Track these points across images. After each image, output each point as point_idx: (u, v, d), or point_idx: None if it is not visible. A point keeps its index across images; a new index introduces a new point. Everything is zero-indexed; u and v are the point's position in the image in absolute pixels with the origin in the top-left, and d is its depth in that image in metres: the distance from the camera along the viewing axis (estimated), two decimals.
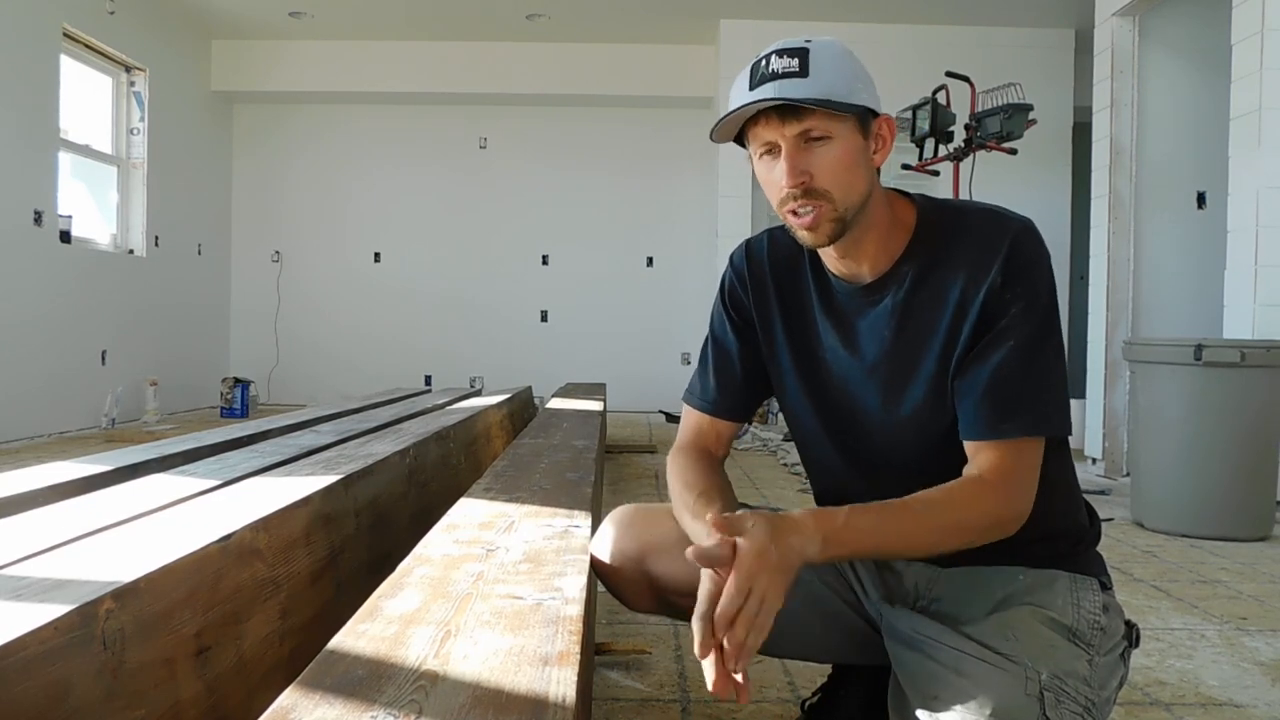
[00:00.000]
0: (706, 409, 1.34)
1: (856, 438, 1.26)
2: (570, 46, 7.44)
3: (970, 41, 6.71)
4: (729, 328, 1.33)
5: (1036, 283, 1.13)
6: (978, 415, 1.13)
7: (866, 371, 1.22)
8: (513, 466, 1.98)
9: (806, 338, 1.27)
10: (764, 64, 1.10)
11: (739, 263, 1.33)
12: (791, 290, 1.28)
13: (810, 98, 1.07)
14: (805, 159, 1.10)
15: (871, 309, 1.21)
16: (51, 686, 0.79)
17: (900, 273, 1.19)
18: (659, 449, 5.35)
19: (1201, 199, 4.86)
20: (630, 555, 1.27)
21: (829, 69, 1.09)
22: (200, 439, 2.34)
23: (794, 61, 1.08)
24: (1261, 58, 3.78)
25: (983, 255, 1.14)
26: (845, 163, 1.11)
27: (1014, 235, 1.14)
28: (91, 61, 6.16)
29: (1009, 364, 1.12)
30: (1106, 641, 1.15)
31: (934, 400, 1.17)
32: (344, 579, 1.49)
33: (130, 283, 6.39)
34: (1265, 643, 2.08)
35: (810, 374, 1.27)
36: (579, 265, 7.96)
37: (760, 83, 1.09)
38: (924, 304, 1.17)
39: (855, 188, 1.12)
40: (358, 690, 0.72)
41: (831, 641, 1.34)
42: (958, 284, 1.15)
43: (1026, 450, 1.12)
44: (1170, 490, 3.30)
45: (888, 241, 1.19)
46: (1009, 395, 1.12)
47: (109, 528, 1.20)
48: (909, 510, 1.08)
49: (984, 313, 1.13)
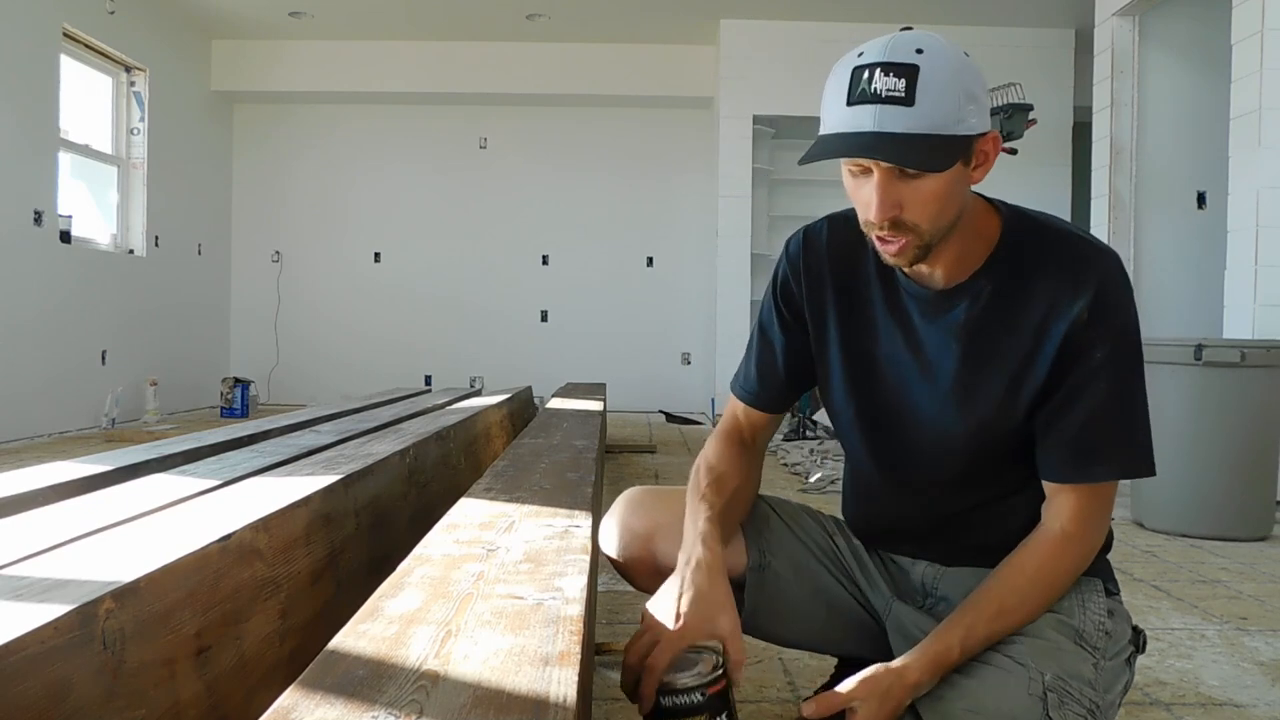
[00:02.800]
0: (746, 398, 1.33)
1: (899, 444, 1.23)
2: (570, 46, 7.44)
3: (970, 41, 6.67)
4: (776, 321, 1.29)
5: (1125, 322, 1.10)
6: (1066, 459, 1.11)
7: (930, 382, 1.18)
8: (513, 466, 1.98)
9: (863, 335, 1.22)
10: (867, 77, 0.99)
11: (795, 253, 1.27)
12: (851, 284, 1.22)
13: (913, 135, 0.98)
14: (898, 191, 1.03)
15: (941, 317, 1.16)
16: (51, 686, 0.79)
17: (977, 286, 1.13)
18: (659, 449, 5.35)
19: (1201, 199, 4.86)
20: (639, 533, 1.29)
21: (937, 94, 0.99)
22: (200, 439, 2.34)
23: (900, 84, 0.98)
24: (1261, 58, 3.78)
25: (1068, 286, 1.09)
26: (940, 196, 1.03)
27: (1105, 271, 1.09)
28: (91, 61, 6.16)
29: (1102, 407, 1.09)
30: (1113, 646, 1.14)
31: (994, 424, 1.14)
32: (344, 579, 1.49)
33: (130, 283, 6.39)
34: (1265, 643, 2.08)
35: (861, 373, 1.23)
36: (579, 265, 7.96)
37: (859, 100, 1.00)
38: (998, 323, 1.13)
39: (945, 217, 1.06)
40: (358, 690, 0.72)
41: (834, 631, 1.34)
42: (1038, 311, 1.10)
43: (1108, 491, 1.12)
44: (1170, 490, 3.30)
45: (967, 251, 1.13)
46: (1100, 439, 1.09)
47: (109, 528, 1.20)
48: (1011, 596, 1.09)
49: (1066, 346, 1.09)
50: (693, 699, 1.00)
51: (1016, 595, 1.09)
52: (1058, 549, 1.11)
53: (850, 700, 0.99)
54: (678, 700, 1.00)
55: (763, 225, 7.22)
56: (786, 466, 4.78)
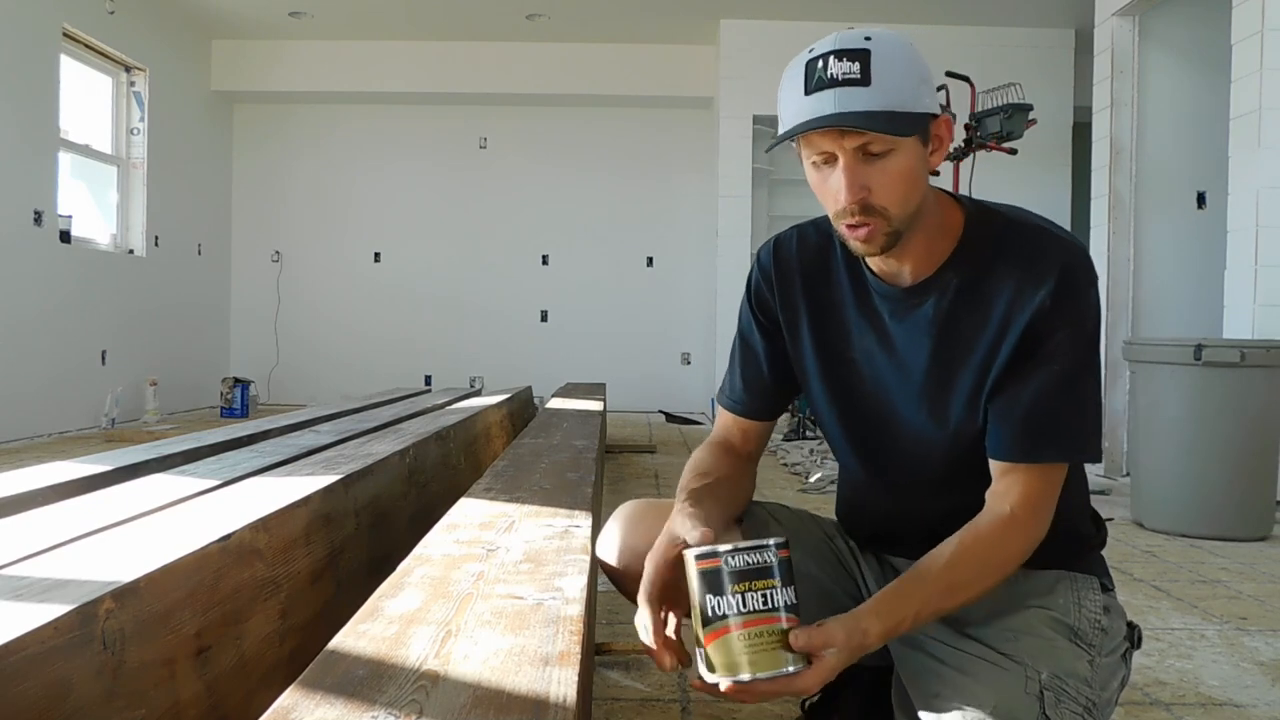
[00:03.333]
0: (735, 408, 1.33)
1: (880, 442, 1.23)
2: (570, 46, 7.44)
3: (970, 41, 6.71)
4: (755, 329, 1.30)
5: (1085, 309, 1.10)
6: (1013, 438, 1.10)
7: (904, 378, 1.18)
8: (513, 466, 1.98)
9: (836, 338, 1.23)
10: (821, 66, 1.02)
11: (766, 262, 1.29)
12: (822, 289, 1.24)
13: (874, 111, 1.00)
14: (864, 174, 1.04)
15: (910, 313, 1.16)
16: (51, 686, 0.79)
17: (944, 280, 1.14)
18: (659, 449, 5.35)
19: (1201, 199, 4.86)
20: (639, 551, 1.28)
21: (892, 74, 1.01)
22: (200, 439, 2.34)
23: (854, 66, 1.01)
24: (1261, 58, 3.78)
25: (1032, 274, 1.10)
26: (906, 176, 1.05)
27: (1067, 259, 1.10)
28: (91, 61, 6.15)
29: (1050, 389, 1.09)
30: (1108, 642, 1.15)
31: (968, 415, 1.15)
32: (344, 579, 1.49)
33: (130, 283, 6.39)
34: (1265, 643, 2.08)
35: (838, 377, 1.24)
36: (579, 265, 7.96)
37: (817, 88, 1.02)
38: (967, 315, 1.14)
39: (912, 200, 1.07)
40: (358, 690, 0.72)
41: None
42: (1003, 299, 1.11)
43: (1055, 475, 1.11)
44: (1170, 490, 3.30)
45: (933, 245, 1.14)
46: (1047, 420, 1.09)
47: (109, 528, 1.20)
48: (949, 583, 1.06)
49: (1028, 333, 1.09)
50: (764, 557, 0.89)
51: (965, 575, 1.07)
52: (1006, 532, 1.09)
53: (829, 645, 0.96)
54: (749, 558, 0.88)
55: (763, 225, 7.22)
56: (786, 466, 4.78)
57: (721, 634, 0.90)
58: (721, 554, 0.91)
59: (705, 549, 0.92)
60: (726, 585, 0.90)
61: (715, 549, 0.91)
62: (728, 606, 0.90)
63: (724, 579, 0.90)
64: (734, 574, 0.90)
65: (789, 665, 0.91)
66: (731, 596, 0.89)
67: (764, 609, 0.89)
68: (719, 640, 0.90)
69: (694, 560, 0.93)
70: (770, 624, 0.90)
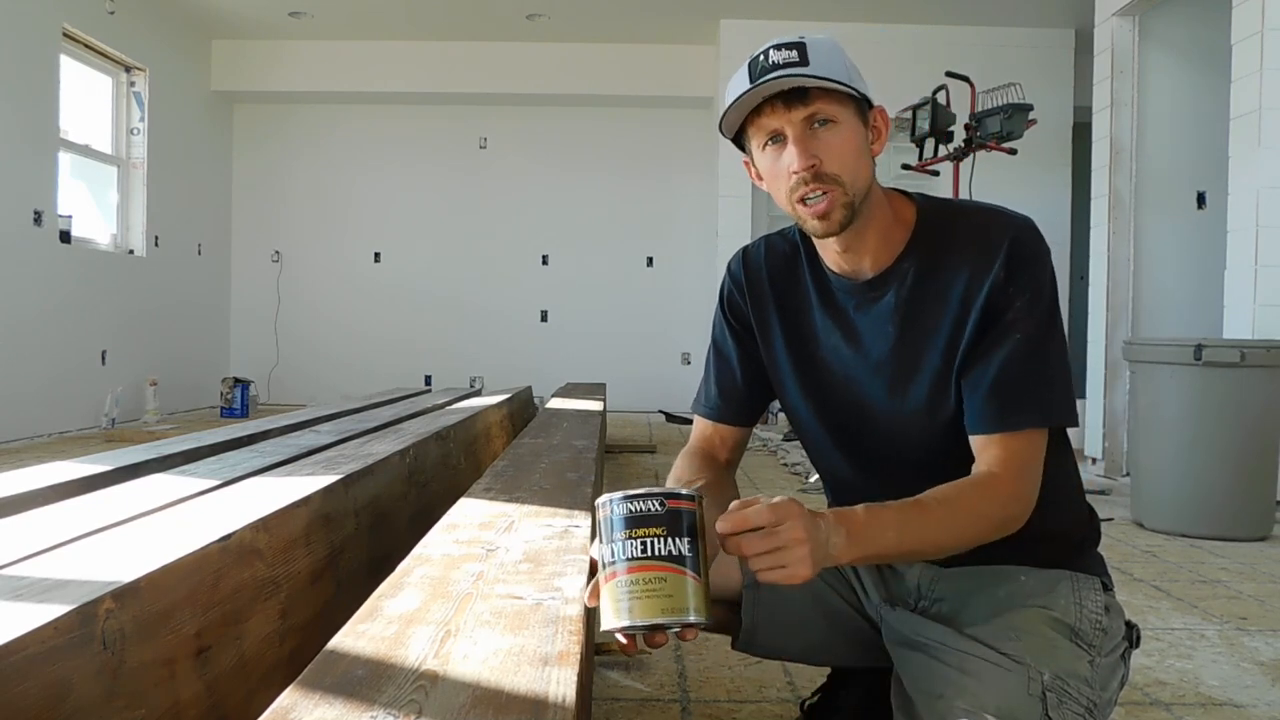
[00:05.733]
0: (710, 415, 1.35)
1: (860, 435, 1.26)
2: (570, 46, 7.44)
3: (970, 41, 6.71)
4: (728, 335, 1.34)
5: (1039, 277, 1.14)
6: (986, 409, 1.13)
7: (872, 368, 1.22)
8: (513, 466, 1.98)
9: (806, 339, 1.27)
10: (763, 58, 1.10)
11: (736, 270, 1.34)
12: (789, 293, 1.29)
13: (817, 76, 1.08)
14: (813, 143, 1.11)
15: (873, 305, 1.21)
16: (51, 686, 0.79)
17: (902, 269, 1.19)
18: (659, 449, 5.36)
19: (1201, 199, 4.86)
20: None
21: (827, 58, 1.10)
22: (200, 439, 2.34)
23: (793, 53, 1.09)
24: (1261, 58, 3.78)
25: (985, 252, 1.14)
26: (852, 147, 1.12)
27: (1015, 232, 1.15)
28: (91, 61, 6.16)
29: (1015, 357, 1.12)
30: (1108, 642, 1.15)
31: (939, 396, 1.18)
32: (344, 579, 1.49)
33: (130, 283, 6.39)
34: (1265, 643, 2.08)
35: (809, 374, 1.27)
36: (579, 265, 7.96)
37: (761, 75, 1.10)
38: (927, 301, 1.18)
39: (861, 174, 1.13)
40: (358, 690, 0.72)
41: (834, 642, 1.34)
42: (961, 281, 1.15)
43: (1034, 441, 1.13)
44: (1170, 490, 3.30)
45: (888, 237, 1.19)
46: (1017, 388, 1.12)
47: (109, 528, 1.20)
48: (925, 506, 1.06)
49: (988, 308, 1.13)
50: (649, 505, 0.90)
51: (936, 500, 1.07)
52: (989, 484, 1.10)
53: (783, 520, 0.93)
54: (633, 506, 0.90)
55: (763, 225, 7.21)
56: (786, 466, 4.78)
57: (610, 579, 0.91)
58: (610, 501, 0.92)
59: (602, 498, 0.94)
60: (615, 531, 0.91)
61: (610, 496, 0.93)
62: (613, 553, 0.91)
63: (612, 525, 0.92)
64: (620, 520, 0.91)
65: (663, 616, 0.89)
66: (618, 543, 0.91)
67: (643, 556, 0.90)
68: (608, 585, 0.91)
69: (595, 509, 0.95)
70: (649, 571, 0.90)
